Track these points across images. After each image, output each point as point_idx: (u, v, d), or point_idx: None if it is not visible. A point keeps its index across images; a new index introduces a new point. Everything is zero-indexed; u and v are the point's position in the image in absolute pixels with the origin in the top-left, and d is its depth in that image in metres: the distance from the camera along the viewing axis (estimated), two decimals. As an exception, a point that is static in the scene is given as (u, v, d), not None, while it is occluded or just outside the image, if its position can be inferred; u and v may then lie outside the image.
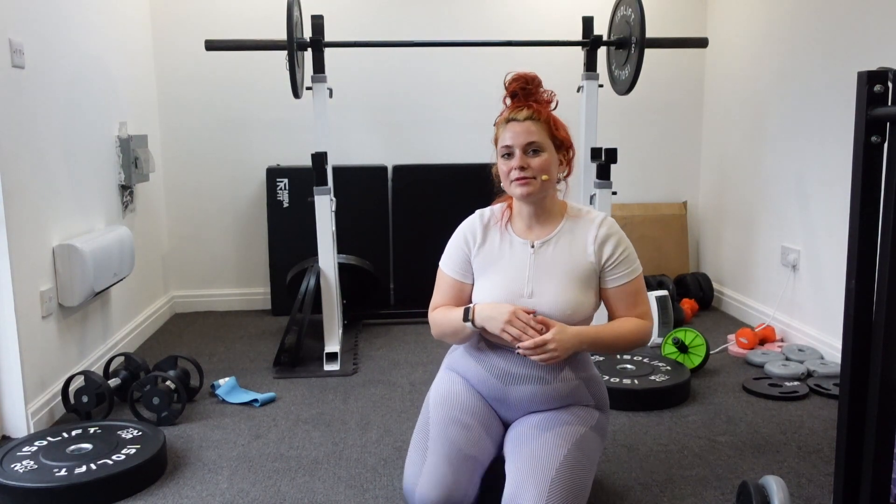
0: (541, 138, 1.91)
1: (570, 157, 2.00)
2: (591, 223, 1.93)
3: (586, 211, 1.98)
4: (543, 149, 1.92)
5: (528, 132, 1.92)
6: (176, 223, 4.16)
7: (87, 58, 3.09)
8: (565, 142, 1.96)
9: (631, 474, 2.20)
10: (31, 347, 2.54)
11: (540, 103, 1.96)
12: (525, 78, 1.98)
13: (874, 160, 1.33)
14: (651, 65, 3.57)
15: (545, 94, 1.99)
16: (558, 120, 1.96)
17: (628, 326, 1.87)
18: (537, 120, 1.92)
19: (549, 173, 1.92)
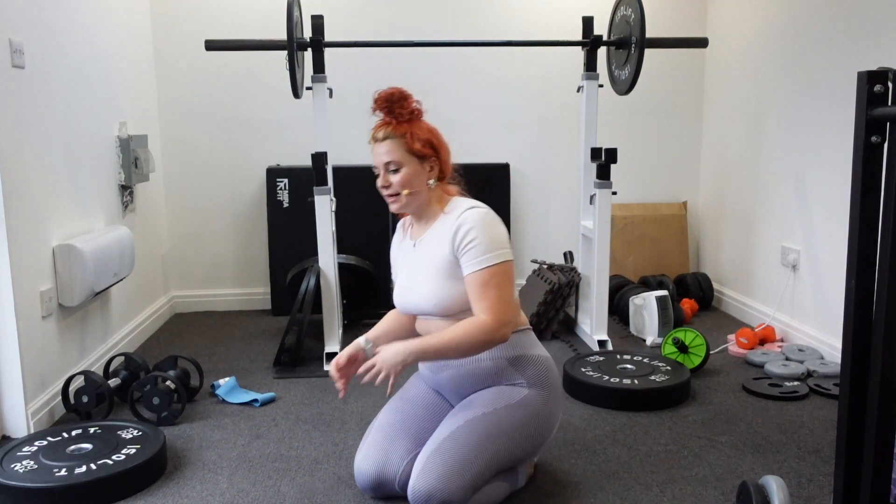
0: (398, 156, 1.98)
1: (439, 161, 2.03)
2: (456, 216, 1.95)
3: (463, 206, 1.99)
4: (402, 165, 1.98)
5: (386, 152, 2.00)
6: (176, 223, 4.16)
7: (87, 58, 3.09)
8: (424, 152, 2.00)
9: (631, 474, 2.20)
10: (31, 347, 2.54)
11: (401, 119, 2.00)
12: (388, 97, 2.02)
13: (874, 160, 1.33)
14: (651, 65, 3.58)
15: (410, 106, 2.02)
16: (418, 132, 2.00)
17: (461, 328, 1.86)
18: (394, 137, 1.99)
19: (410, 186, 1.98)
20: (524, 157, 4.28)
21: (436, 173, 2.02)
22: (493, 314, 1.86)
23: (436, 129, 2.07)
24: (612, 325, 3.72)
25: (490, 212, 1.97)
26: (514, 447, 1.94)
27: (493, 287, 1.87)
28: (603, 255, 3.33)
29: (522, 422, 1.95)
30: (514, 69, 4.20)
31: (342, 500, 2.07)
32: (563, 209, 4.30)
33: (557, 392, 2.06)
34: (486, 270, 1.87)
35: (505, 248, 1.91)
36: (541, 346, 2.09)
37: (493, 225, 1.92)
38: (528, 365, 2.00)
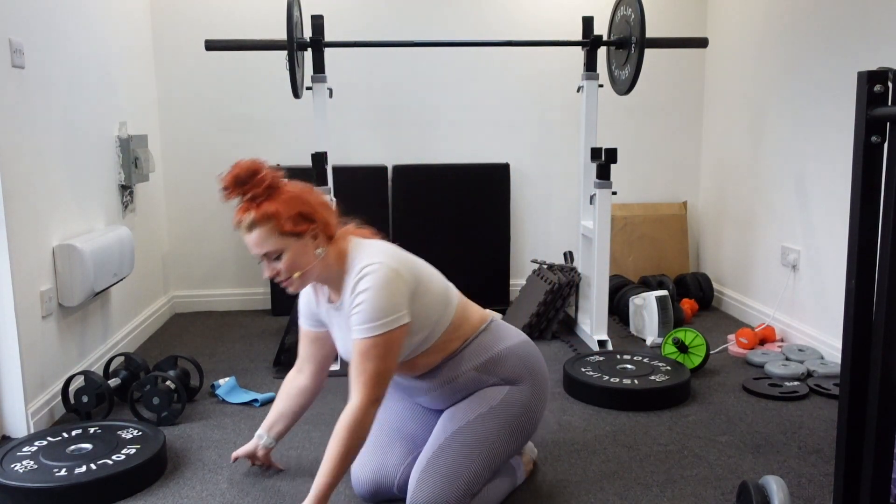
0: (272, 244, 1.78)
1: (322, 227, 1.82)
2: (353, 277, 1.79)
3: (358, 265, 1.80)
4: (282, 250, 1.79)
5: (258, 243, 1.79)
6: (176, 223, 4.16)
7: (87, 58, 3.09)
8: (300, 229, 1.78)
9: (631, 474, 2.20)
10: (31, 347, 2.54)
11: (260, 199, 1.76)
12: (235, 179, 1.77)
13: (874, 160, 1.33)
14: (651, 65, 3.58)
15: (264, 181, 1.77)
16: (284, 208, 1.76)
17: (336, 439, 1.74)
18: (262, 225, 1.77)
19: (299, 267, 1.80)
20: (524, 157, 4.28)
21: (322, 240, 1.82)
22: (363, 394, 1.74)
23: (302, 191, 1.83)
24: (612, 325, 3.72)
25: (384, 268, 1.77)
26: (504, 445, 1.92)
27: (371, 359, 1.74)
28: (603, 255, 3.33)
29: (508, 420, 1.92)
30: (514, 69, 4.20)
31: (342, 500, 2.07)
32: (563, 209, 4.30)
33: (537, 377, 2.00)
34: (368, 340, 1.73)
35: (393, 316, 1.73)
36: (509, 334, 2.02)
37: (384, 287, 1.74)
38: (499, 364, 1.96)
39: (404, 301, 1.77)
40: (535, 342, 2.14)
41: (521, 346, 2.02)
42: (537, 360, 2.04)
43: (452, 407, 1.98)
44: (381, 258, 1.79)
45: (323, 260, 1.83)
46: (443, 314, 1.90)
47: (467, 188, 4.14)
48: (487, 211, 4.14)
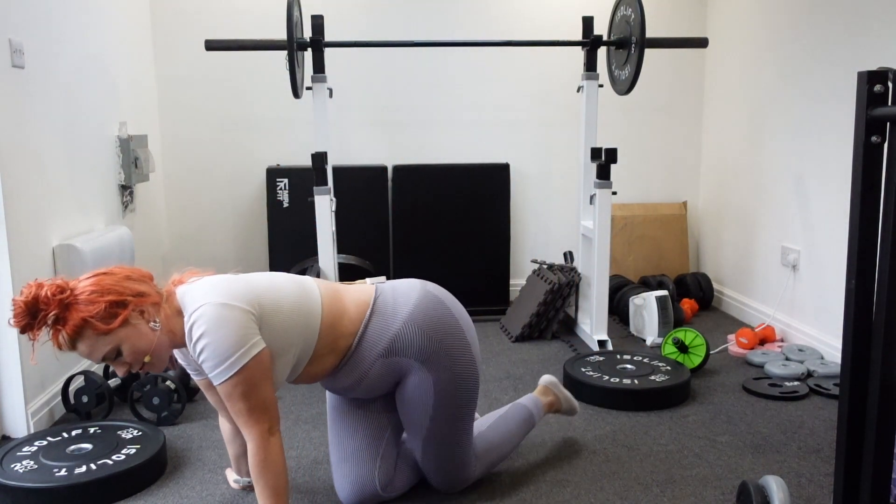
0: (104, 346, 1.61)
1: (139, 302, 1.64)
2: (187, 326, 1.66)
3: (187, 313, 1.67)
4: (118, 346, 1.63)
5: (92, 353, 1.62)
6: (176, 223, 4.16)
7: (87, 58, 3.09)
8: (119, 317, 1.60)
9: (631, 474, 2.20)
10: (31, 347, 2.53)
11: (59, 322, 1.57)
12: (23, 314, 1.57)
13: (874, 160, 1.33)
14: (651, 65, 3.58)
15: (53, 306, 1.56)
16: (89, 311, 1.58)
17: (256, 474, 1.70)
18: (80, 338, 1.59)
19: (144, 351, 1.66)
20: (524, 157, 4.28)
21: (149, 312, 1.66)
22: (252, 432, 1.68)
23: (98, 282, 1.62)
24: (612, 325, 3.72)
25: (210, 306, 1.63)
26: (468, 413, 1.99)
27: (237, 399, 1.65)
28: (603, 255, 3.33)
29: (453, 399, 1.92)
30: (514, 69, 4.20)
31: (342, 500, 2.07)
32: (563, 209, 4.30)
33: (447, 337, 1.89)
34: (228, 383, 1.63)
35: (241, 350, 1.62)
36: (398, 306, 1.90)
37: (218, 326, 1.61)
38: (402, 344, 1.87)
39: (248, 330, 1.65)
40: (534, 342, 2.16)
41: (416, 314, 1.89)
42: (438, 316, 1.91)
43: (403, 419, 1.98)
44: (205, 298, 1.65)
45: (164, 327, 1.68)
46: (308, 322, 1.78)
47: (467, 188, 4.14)
48: (487, 211, 4.14)
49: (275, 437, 1.72)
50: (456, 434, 1.99)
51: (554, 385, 2.40)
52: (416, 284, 1.98)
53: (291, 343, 1.76)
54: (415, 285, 1.97)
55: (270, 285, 1.78)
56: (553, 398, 2.37)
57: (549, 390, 2.38)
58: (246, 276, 1.81)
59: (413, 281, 2.00)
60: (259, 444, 1.69)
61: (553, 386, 2.40)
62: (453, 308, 1.97)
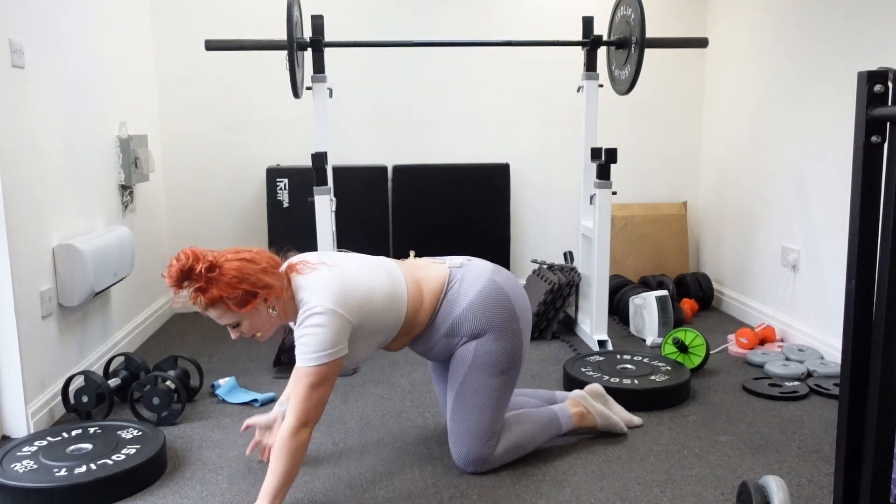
0: (229, 318, 1.95)
1: (266, 293, 1.93)
2: (301, 312, 1.96)
3: (303, 308, 1.95)
4: (238, 321, 1.96)
5: (217, 318, 1.96)
6: (176, 223, 4.16)
7: (87, 58, 3.09)
8: (247, 300, 1.90)
9: (631, 474, 2.20)
10: (31, 347, 2.54)
11: (203, 287, 1.88)
12: (178, 275, 1.88)
13: (874, 160, 1.33)
14: (651, 65, 3.58)
15: (202, 272, 1.87)
16: (228, 291, 1.88)
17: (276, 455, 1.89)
18: (213, 307, 1.91)
19: (258, 329, 1.99)
20: (524, 157, 4.28)
21: (272, 300, 1.96)
22: (295, 417, 1.90)
23: (241, 268, 1.90)
24: (612, 325, 3.72)
25: (326, 311, 1.91)
26: (498, 388, 2.16)
27: (305, 386, 1.90)
28: (603, 255, 3.33)
29: (488, 368, 2.14)
30: (514, 69, 4.20)
31: (342, 500, 2.07)
32: (563, 209, 4.30)
33: (498, 321, 2.14)
34: (305, 369, 1.91)
35: (329, 350, 1.90)
36: (465, 293, 2.15)
37: (325, 326, 1.90)
38: (460, 326, 2.15)
39: (342, 338, 1.94)
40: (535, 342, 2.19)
41: (475, 302, 2.14)
42: (496, 304, 2.15)
43: (448, 374, 2.23)
44: (321, 300, 1.92)
45: (279, 312, 1.99)
46: (395, 321, 2.10)
47: (467, 188, 4.14)
48: (487, 211, 4.14)
49: (307, 430, 1.92)
50: (482, 400, 2.14)
51: (582, 398, 2.42)
52: (484, 272, 2.21)
53: (377, 339, 2.10)
54: (483, 273, 2.21)
55: (368, 279, 2.04)
56: (582, 409, 2.39)
57: (577, 402, 2.41)
58: (351, 278, 2.02)
59: (484, 267, 2.24)
60: (293, 428, 1.90)
61: (581, 398, 2.41)
62: (514, 297, 2.20)
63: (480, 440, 2.16)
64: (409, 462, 2.30)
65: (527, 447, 2.27)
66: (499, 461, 2.20)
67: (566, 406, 2.40)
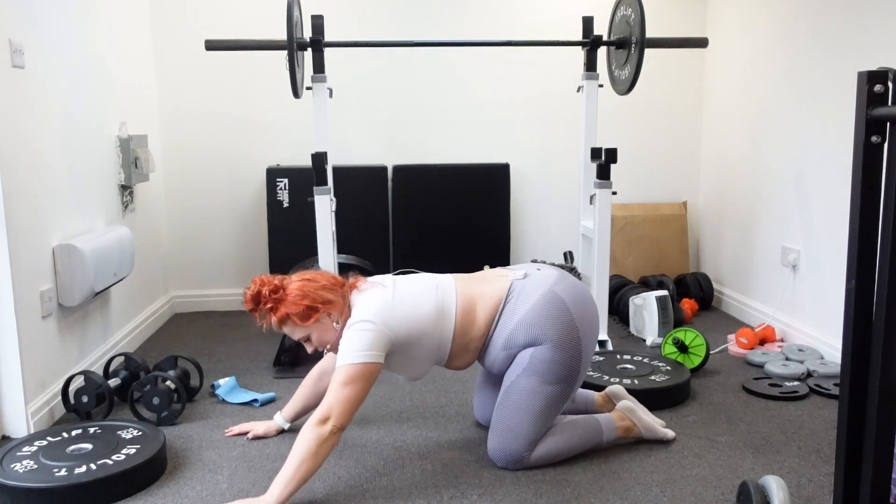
0: (299, 334, 2.17)
1: (328, 308, 2.15)
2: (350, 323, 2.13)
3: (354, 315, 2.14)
4: (308, 335, 2.17)
5: (289, 333, 2.20)
6: (176, 223, 4.16)
7: (87, 58, 3.09)
8: (312, 315, 2.13)
9: (631, 474, 2.20)
10: (31, 347, 2.54)
11: (273, 308, 2.13)
12: (252, 300, 2.16)
13: (874, 160, 1.33)
14: (651, 65, 3.57)
15: (272, 295, 2.14)
16: (294, 308, 2.12)
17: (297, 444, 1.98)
18: (283, 324, 2.15)
19: (326, 341, 2.18)
20: (524, 157, 4.28)
21: (335, 315, 2.16)
22: (319, 409, 2.00)
23: (303, 287, 2.15)
24: (612, 325, 3.73)
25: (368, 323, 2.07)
26: (547, 396, 2.16)
27: (335, 383, 2.02)
28: (603, 255, 3.33)
29: (541, 375, 2.15)
30: (514, 69, 4.20)
31: (342, 500, 2.07)
32: (563, 209, 4.30)
33: (554, 332, 2.15)
34: (342, 367, 2.03)
35: (366, 352, 2.03)
36: (521, 306, 2.18)
37: (365, 332, 2.06)
38: (516, 338, 2.18)
39: (379, 347, 2.06)
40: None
41: (532, 314, 2.17)
42: (552, 315, 2.17)
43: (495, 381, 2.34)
44: (368, 314, 2.09)
45: (342, 325, 2.16)
46: (441, 333, 2.17)
47: (467, 188, 4.14)
48: (487, 211, 4.14)
49: (328, 426, 1.98)
50: (529, 404, 2.16)
51: (629, 410, 2.39)
52: (545, 283, 2.23)
53: (425, 356, 2.19)
54: (543, 284, 2.23)
55: (415, 311, 2.14)
56: (629, 423, 2.37)
57: (623, 416, 2.38)
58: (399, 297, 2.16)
59: (546, 277, 2.25)
60: (315, 420, 1.99)
61: (628, 411, 2.39)
62: (574, 306, 2.20)
63: (519, 441, 2.18)
64: (409, 462, 2.30)
65: (565, 454, 2.26)
66: (534, 463, 2.21)
67: (612, 418, 2.36)
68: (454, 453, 2.36)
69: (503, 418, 2.20)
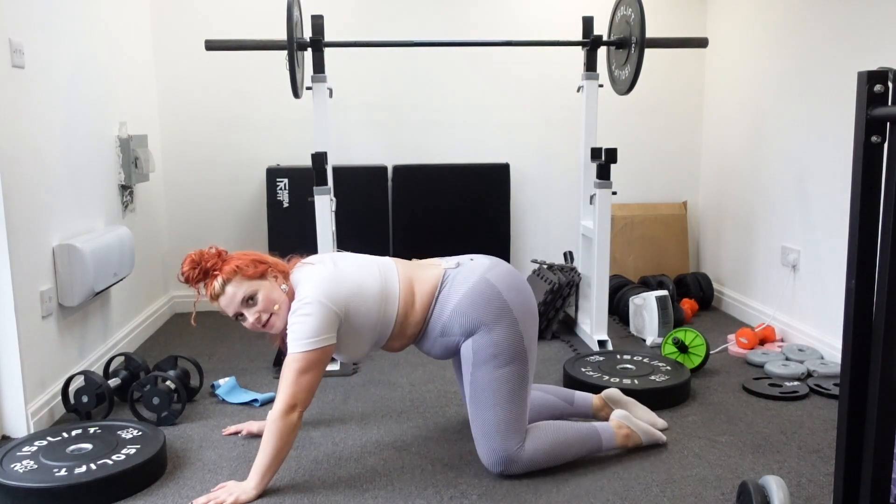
0: (245, 289, 2.11)
1: (275, 266, 2.17)
2: (295, 303, 2.10)
3: (298, 292, 2.11)
4: (255, 292, 2.11)
5: (233, 296, 2.11)
6: (176, 223, 4.16)
7: (87, 58, 3.09)
8: (261, 269, 2.14)
9: (631, 474, 2.20)
10: (31, 347, 2.54)
11: (219, 268, 2.12)
12: (193, 266, 2.13)
13: (874, 160, 1.33)
14: (651, 65, 3.58)
15: (214, 256, 2.14)
16: (241, 263, 2.12)
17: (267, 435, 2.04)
18: (230, 280, 2.10)
19: (275, 301, 2.12)
20: (524, 157, 4.28)
21: (281, 279, 2.16)
22: (283, 400, 2.02)
23: (246, 251, 2.21)
24: (612, 325, 3.73)
25: (315, 302, 2.04)
26: (507, 381, 2.12)
27: (291, 370, 2.02)
28: (603, 255, 3.33)
29: (490, 362, 2.12)
30: (514, 69, 4.20)
31: (342, 500, 2.07)
32: (563, 209, 4.30)
33: (490, 316, 2.12)
34: (295, 355, 2.03)
35: (317, 338, 2.02)
36: (454, 293, 2.16)
37: (311, 315, 2.03)
38: (452, 326, 2.16)
39: (330, 327, 2.05)
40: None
41: (463, 301, 2.15)
42: (483, 302, 2.13)
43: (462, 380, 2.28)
44: (313, 292, 2.06)
45: (287, 293, 2.14)
46: (386, 312, 2.15)
47: (467, 188, 4.14)
48: (487, 211, 4.15)
49: (296, 413, 2.03)
50: (493, 395, 2.11)
51: (625, 418, 2.33)
52: (476, 271, 2.20)
53: (369, 335, 2.16)
54: (474, 272, 2.20)
55: (359, 288, 2.12)
56: (627, 430, 2.31)
57: (621, 424, 2.32)
58: (342, 273, 2.13)
59: (478, 265, 2.22)
60: (282, 410, 2.02)
61: (624, 419, 2.33)
62: (506, 290, 2.16)
63: (501, 435, 2.12)
64: (409, 462, 2.30)
65: (562, 455, 2.20)
66: (529, 462, 2.15)
67: (610, 426, 2.30)
68: (454, 453, 2.36)
69: (478, 421, 2.15)
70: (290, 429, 2.03)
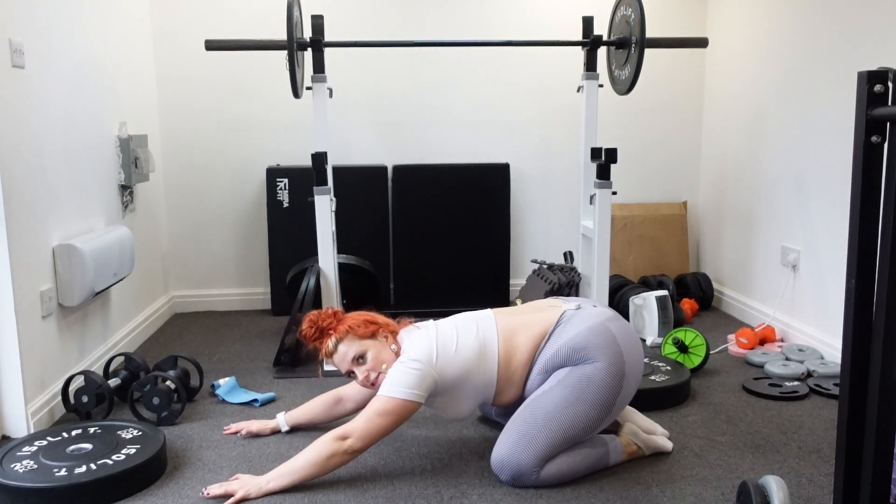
0: (356, 349, 2.20)
1: (386, 326, 2.26)
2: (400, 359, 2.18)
3: (404, 350, 2.20)
4: (365, 352, 2.20)
5: (345, 354, 2.21)
6: (176, 223, 4.16)
7: (87, 58, 3.09)
8: (372, 330, 2.23)
9: (631, 474, 2.20)
10: (31, 347, 2.54)
11: (333, 327, 2.23)
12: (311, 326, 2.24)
13: (874, 160, 1.33)
14: (651, 65, 3.58)
15: (329, 316, 2.25)
16: (354, 323, 2.23)
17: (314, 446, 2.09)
18: (343, 339, 2.21)
19: (383, 361, 2.19)
20: (524, 157, 4.28)
21: (391, 339, 2.23)
22: (348, 427, 2.08)
23: (359, 311, 2.30)
24: (612, 325, 3.72)
25: (417, 362, 2.11)
26: (573, 415, 2.10)
27: (373, 409, 2.08)
28: (603, 255, 3.33)
29: (572, 391, 2.11)
30: (514, 69, 4.20)
31: (342, 500, 2.07)
32: (563, 209, 4.30)
33: (606, 348, 2.13)
34: (384, 398, 2.08)
35: (409, 390, 2.07)
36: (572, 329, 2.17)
37: (414, 369, 2.10)
38: (557, 357, 2.16)
39: (424, 387, 2.10)
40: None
41: (580, 338, 2.15)
42: (601, 343, 2.14)
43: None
44: (418, 353, 2.13)
45: (395, 353, 2.21)
46: (485, 370, 2.18)
47: (467, 188, 4.14)
48: (487, 211, 4.14)
49: (347, 444, 2.06)
50: (557, 414, 2.09)
51: (633, 435, 2.30)
52: (600, 316, 2.22)
53: (470, 393, 2.20)
54: (597, 316, 2.21)
55: (458, 354, 2.16)
56: (634, 448, 2.28)
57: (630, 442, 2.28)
58: (444, 338, 2.19)
59: (602, 312, 2.25)
60: (340, 435, 2.06)
61: (633, 436, 2.30)
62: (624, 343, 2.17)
63: (530, 454, 2.08)
64: (409, 462, 2.30)
65: (571, 478, 2.15)
66: (536, 483, 2.10)
67: (620, 444, 2.25)
68: (454, 453, 2.36)
69: (522, 422, 2.11)
70: (333, 453, 2.05)
